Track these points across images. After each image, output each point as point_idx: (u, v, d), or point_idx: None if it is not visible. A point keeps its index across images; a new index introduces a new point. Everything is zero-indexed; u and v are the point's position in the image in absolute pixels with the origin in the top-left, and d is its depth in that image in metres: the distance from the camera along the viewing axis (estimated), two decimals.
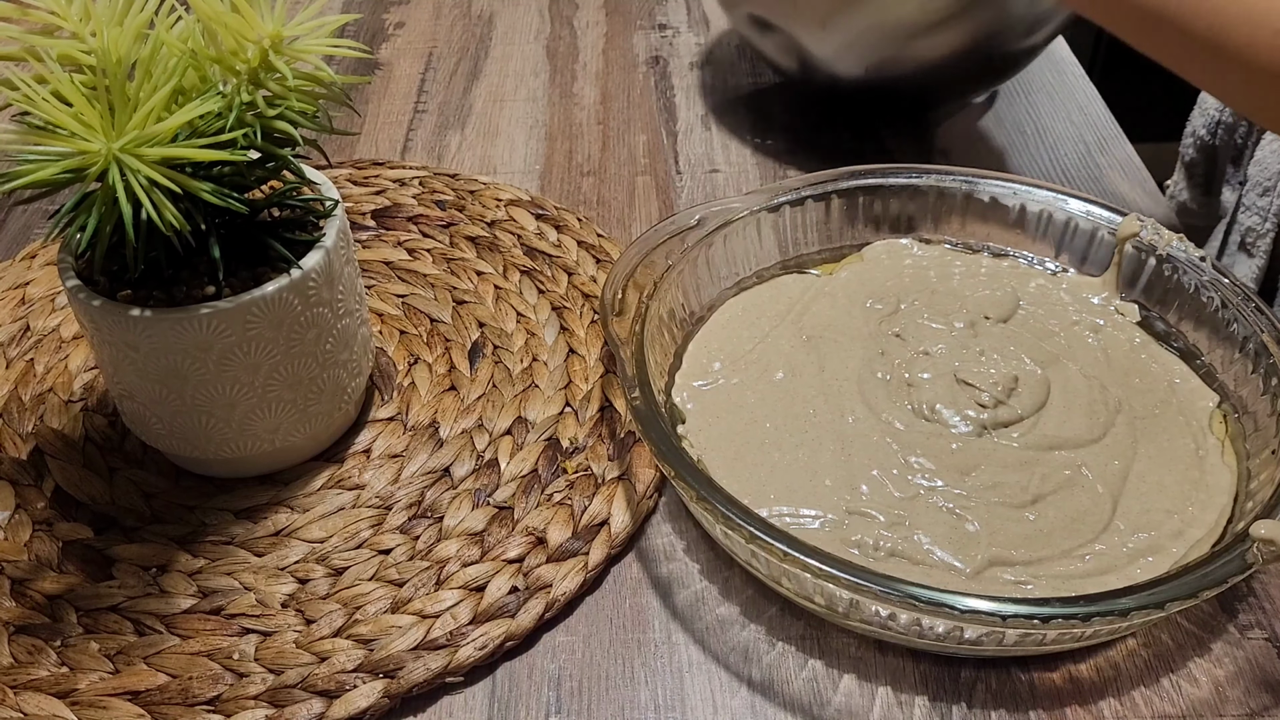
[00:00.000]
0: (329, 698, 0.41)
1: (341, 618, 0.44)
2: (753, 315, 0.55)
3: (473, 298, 0.58)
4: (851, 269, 0.57)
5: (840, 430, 0.48)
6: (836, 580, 0.39)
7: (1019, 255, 0.58)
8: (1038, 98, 0.76)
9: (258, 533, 0.47)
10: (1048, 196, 0.56)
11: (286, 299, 0.44)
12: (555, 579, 0.45)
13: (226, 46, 0.41)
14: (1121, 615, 0.38)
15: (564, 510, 0.48)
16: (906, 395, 0.50)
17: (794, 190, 0.57)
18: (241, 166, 0.43)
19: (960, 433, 0.48)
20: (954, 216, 0.58)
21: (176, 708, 0.41)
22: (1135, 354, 0.52)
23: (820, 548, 0.40)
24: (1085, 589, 0.42)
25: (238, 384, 0.45)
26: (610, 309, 0.50)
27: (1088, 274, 0.56)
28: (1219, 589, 0.39)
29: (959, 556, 0.43)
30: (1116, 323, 0.54)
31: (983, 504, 0.45)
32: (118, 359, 0.45)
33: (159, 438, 0.48)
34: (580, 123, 0.74)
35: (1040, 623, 0.38)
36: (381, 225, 0.64)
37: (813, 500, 0.46)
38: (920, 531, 0.44)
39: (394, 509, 0.48)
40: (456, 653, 0.43)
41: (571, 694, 0.42)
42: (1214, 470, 0.47)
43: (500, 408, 0.52)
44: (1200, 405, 0.50)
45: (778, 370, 0.51)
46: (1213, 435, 0.48)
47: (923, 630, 0.40)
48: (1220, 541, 0.44)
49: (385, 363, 0.55)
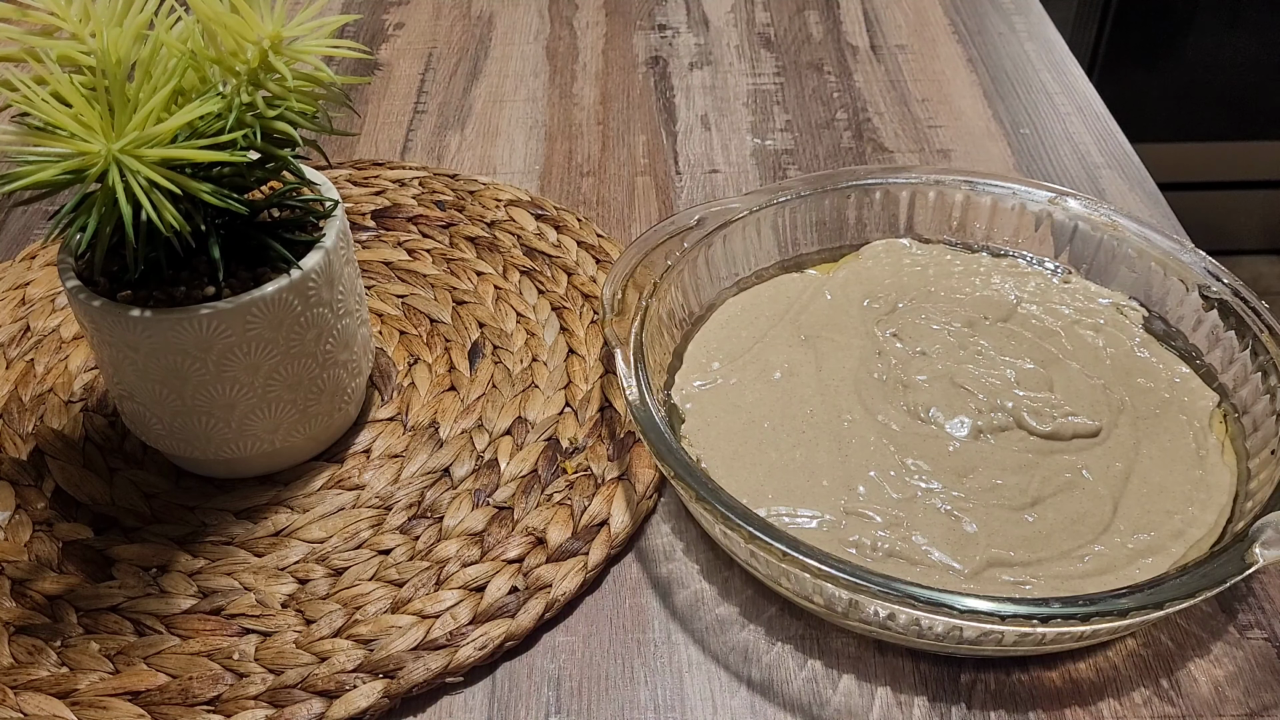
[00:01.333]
0: (329, 698, 0.41)
1: (341, 618, 0.44)
2: (751, 315, 0.55)
3: (472, 298, 0.58)
4: (850, 268, 0.57)
5: (837, 431, 0.48)
6: (836, 580, 0.39)
7: (1019, 255, 0.58)
8: (1038, 98, 0.76)
9: (258, 533, 0.47)
10: (1044, 198, 0.56)
11: (286, 299, 0.44)
12: (555, 579, 0.45)
13: (226, 47, 0.41)
14: (1120, 615, 0.38)
15: (564, 510, 0.48)
16: (902, 396, 0.50)
17: (793, 190, 0.57)
18: (241, 167, 0.43)
19: (956, 434, 0.48)
20: (953, 216, 0.58)
21: (176, 708, 0.41)
22: (1136, 353, 0.52)
23: (819, 547, 0.40)
24: (1084, 589, 0.42)
25: (237, 384, 0.45)
26: (610, 308, 0.50)
27: (1088, 276, 0.56)
28: (1217, 589, 0.39)
29: (957, 557, 0.43)
30: (1118, 322, 0.54)
31: (981, 506, 0.45)
32: (118, 359, 0.45)
33: (159, 438, 0.48)
34: (580, 123, 0.74)
35: (1039, 622, 0.38)
36: (381, 226, 0.64)
37: (810, 500, 0.46)
38: (918, 532, 0.44)
39: (394, 509, 0.48)
40: (456, 653, 0.43)
41: (571, 694, 0.42)
42: (1214, 470, 0.47)
43: (500, 408, 0.52)
44: (1201, 405, 0.50)
45: (775, 370, 0.51)
46: (1213, 435, 0.48)
47: (922, 630, 0.40)
48: (1220, 541, 0.44)
49: (385, 363, 0.55)
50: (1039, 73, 0.79)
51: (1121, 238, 0.55)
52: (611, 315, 0.49)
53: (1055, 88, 0.78)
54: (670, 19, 0.86)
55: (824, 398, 0.50)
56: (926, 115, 0.74)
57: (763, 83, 0.78)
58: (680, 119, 0.74)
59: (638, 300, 0.50)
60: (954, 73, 0.79)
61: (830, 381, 0.51)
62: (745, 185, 0.68)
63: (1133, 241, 0.54)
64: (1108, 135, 0.73)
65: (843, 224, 0.58)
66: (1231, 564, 0.39)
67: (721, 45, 0.83)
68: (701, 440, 0.48)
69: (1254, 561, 0.39)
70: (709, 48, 0.82)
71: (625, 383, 0.46)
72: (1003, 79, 0.78)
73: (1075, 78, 0.79)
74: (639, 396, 0.45)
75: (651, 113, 0.75)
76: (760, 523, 0.41)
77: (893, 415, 0.49)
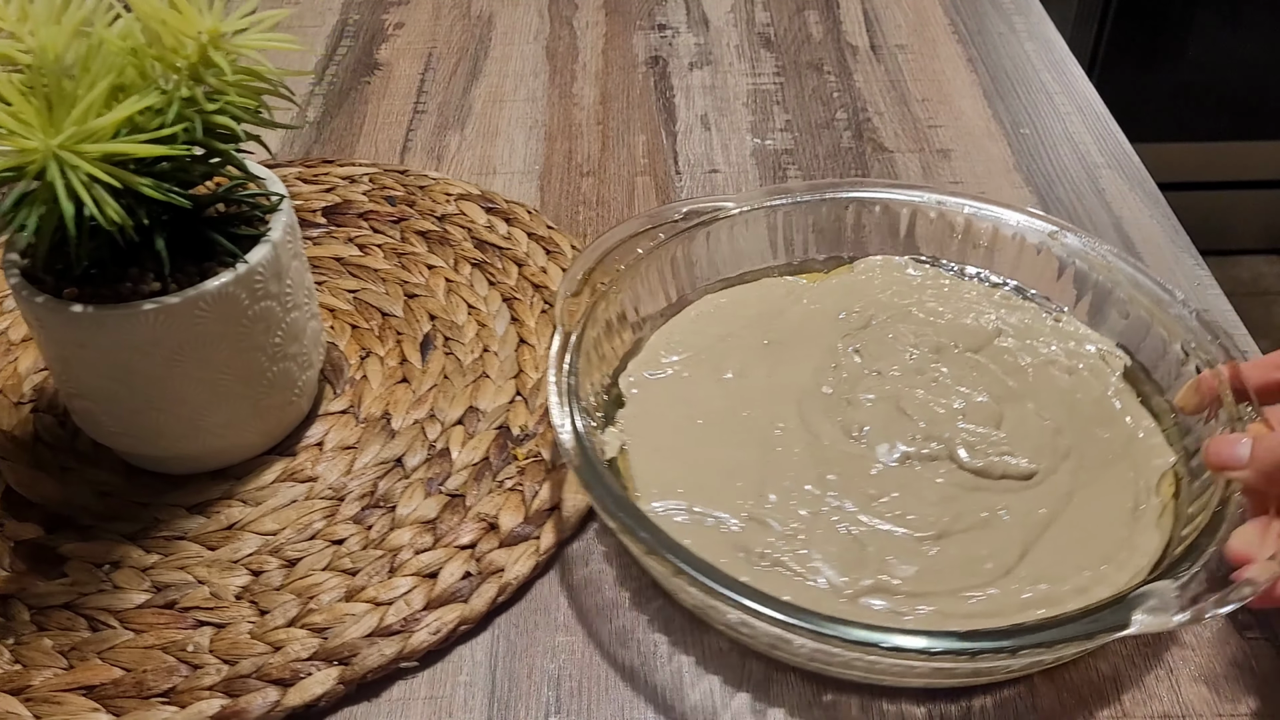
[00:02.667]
0: (284, 686, 0.42)
1: (296, 608, 0.44)
2: (725, 314, 0.55)
3: (424, 291, 0.59)
4: (839, 279, 0.57)
5: (766, 437, 0.48)
6: (691, 580, 0.39)
7: (1019, 287, 0.56)
8: (1038, 98, 0.76)
9: (211, 527, 0.47)
10: (1045, 230, 0.55)
11: (233, 293, 0.44)
12: (508, 563, 0.46)
13: (167, 43, 0.41)
14: (970, 657, 0.37)
15: (515, 496, 0.48)
16: (842, 412, 0.49)
17: (791, 194, 0.56)
18: (184, 162, 0.43)
19: (884, 458, 0.48)
20: (954, 238, 0.57)
21: (131, 700, 0.41)
22: (1106, 401, 0.50)
23: (687, 547, 0.40)
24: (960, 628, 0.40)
25: (187, 379, 0.45)
26: (563, 306, 0.49)
27: (1083, 316, 0.54)
28: (1075, 648, 0.38)
29: (842, 577, 0.43)
30: (1096, 368, 0.52)
31: (884, 531, 0.45)
32: (66, 357, 0.45)
33: (110, 436, 0.48)
34: (580, 123, 0.74)
35: (858, 646, 0.37)
36: (332, 222, 0.64)
37: (718, 501, 0.46)
38: (813, 548, 0.44)
39: (347, 500, 0.48)
40: (410, 638, 0.43)
41: (571, 694, 0.43)
42: (1144, 531, 0.45)
43: (452, 398, 0.53)
44: (1155, 464, 0.47)
45: (728, 370, 0.52)
46: (1157, 496, 0.46)
47: (792, 648, 0.40)
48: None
49: (337, 357, 0.55)
50: (1039, 72, 0.79)
51: (1116, 281, 0.52)
52: (564, 311, 0.49)
53: (1055, 87, 0.77)
54: (670, 19, 0.86)
55: (765, 404, 0.50)
56: (926, 115, 0.74)
57: (763, 83, 0.78)
58: (680, 119, 0.74)
59: (590, 296, 0.50)
60: (954, 72, 0.79)
61: (776, 388, 0.51)
62: (745, 185, 0.68)
63: (1125, 286, 0.52)
64: (1108, 135, 0.73)
65: (840, 235, 0.57)
66: (1101, 623, 0.38)
67: (721, 45, 0.83)
68: (633, 428, 0.49)
69: (1125, 625, 0.37)
70: (709, 48, 0.82)
71: (553, 406, 0.46)
72: (1003, 79, 0.78)
73: (1075, 77, 0.79)
74: (555, 374, 0.46)
75: (651, 113, 0.75)
76: (634, 512, 0.41)
77: (825, 430, 0.49)
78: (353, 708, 0.42)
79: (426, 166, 0.70)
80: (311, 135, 0.73)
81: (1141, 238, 0.64)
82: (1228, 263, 1.79)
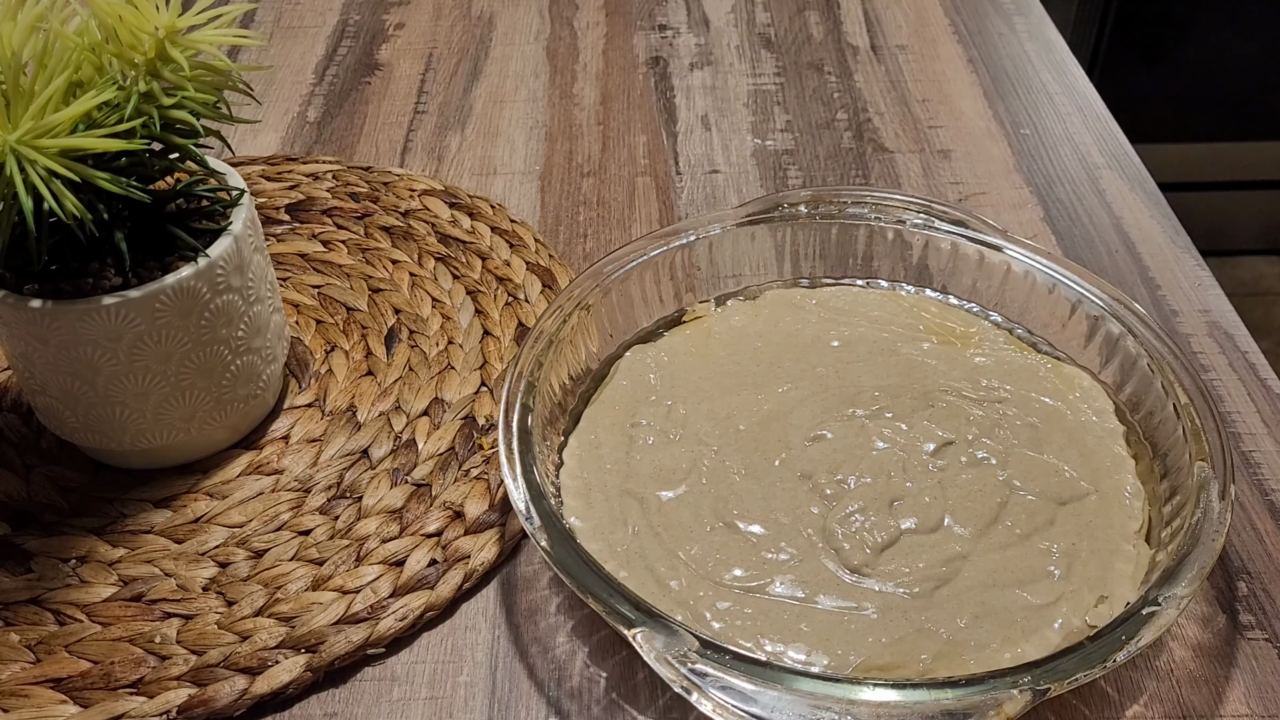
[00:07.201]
0: (252, 674, 0.42)
1: (263, 598, 0.45)
2: (747, 333, 0.54)
3: (388, 285, 0.59)
4: (847, 291, 0.56)
5: (766, 456, 0.47)
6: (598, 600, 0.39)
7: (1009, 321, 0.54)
8: (1038, 98, 0.77)
9: (177, 520, 0.48)
10: (1055, 271, 0.52)
11: (194, 287, 0.45)
12: (473, 550, 0.46)
13: (124, 39, 0.42)
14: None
15: (480, 485, 0.49)
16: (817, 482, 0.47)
17: (793, 205, 0.56)
18: (142, 156, 0.43)
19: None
20: (966, 275, 0.55)
21: (99, 692, 0.42)
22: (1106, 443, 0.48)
23: (585, 547, 0.41)
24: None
25: (150, 374, 0.45)
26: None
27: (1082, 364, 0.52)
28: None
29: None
30: (1097, 412, 0.49)
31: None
32: (28, 354, 0.45)
33: (74, 432, 0.48)
34: (580, 123, 0.74)
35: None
36: (296, 219, 0.64)
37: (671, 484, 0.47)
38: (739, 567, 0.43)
39: (313, 491, 0.49)
40: (377, 625, 0.44)
41: (571, 694, 0.43)
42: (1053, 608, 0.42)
43: (417, 390, 0.53)
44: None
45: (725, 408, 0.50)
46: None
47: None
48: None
49: (302, 351, 0.56)
50: (1039, 73, 0.79)
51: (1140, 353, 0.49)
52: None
53: (1056, 88, 0.78)
54: (670, 19, 0.86)
55: (758, 432, 0.49)
56: (927, 115, 0.74)
57: (763, 83, 0.78)
58: (681, 119, 0.75)
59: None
60: (954, 73, 0.79)
61: (724, 414, 0.49)
62: (746, 185, 0.68)
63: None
64: (1108, 135, 0.73)
65: (848, 253, 0.57)
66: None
67: (722, 45, 0.83)
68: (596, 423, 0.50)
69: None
70: (709, 48, 0.83)
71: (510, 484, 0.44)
72: (1003, 79, 0.78)
73: (1076, 78, 0.79)
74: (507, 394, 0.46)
75: (652, 113, 0.75)
76: (546, 516, 0.41)
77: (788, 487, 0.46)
78: (352, 708, 0.42)
79: (427, 167, 0.70)
80: (312, 135, 0.73)
81: (1142, 238, 0.64)
82: (1228, 263, 1.79)
